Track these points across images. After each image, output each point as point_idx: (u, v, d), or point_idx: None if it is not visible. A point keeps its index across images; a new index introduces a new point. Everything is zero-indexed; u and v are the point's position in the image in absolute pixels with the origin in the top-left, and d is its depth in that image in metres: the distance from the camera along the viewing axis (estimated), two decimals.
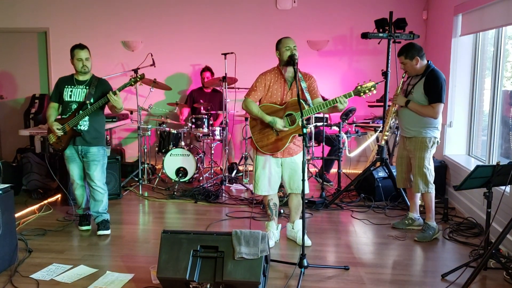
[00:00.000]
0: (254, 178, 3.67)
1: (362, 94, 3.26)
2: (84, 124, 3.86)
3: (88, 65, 3.87)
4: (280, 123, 3.42)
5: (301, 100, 3.27)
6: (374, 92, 3.26)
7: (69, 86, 3.89)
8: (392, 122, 5.35)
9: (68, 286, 2.99)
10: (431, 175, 3.82)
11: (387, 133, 3.92)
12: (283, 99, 3.52)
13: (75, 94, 3.86)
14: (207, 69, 6.11)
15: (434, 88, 3.67)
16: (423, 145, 3.78)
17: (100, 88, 3.90)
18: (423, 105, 3.72)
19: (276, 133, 3.47)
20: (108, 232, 3.97)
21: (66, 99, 3.87)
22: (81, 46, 3.87)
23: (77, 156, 3.95)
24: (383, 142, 4.07)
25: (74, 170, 3.98)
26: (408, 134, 3.86)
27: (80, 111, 3.82)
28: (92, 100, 3.83)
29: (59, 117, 3.96)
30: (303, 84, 3.49)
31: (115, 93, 3.73)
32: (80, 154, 3.94)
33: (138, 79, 3.98)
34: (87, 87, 3.88)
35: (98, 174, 3.95)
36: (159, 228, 3.76)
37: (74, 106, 3.85)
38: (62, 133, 3.85)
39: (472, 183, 3.10)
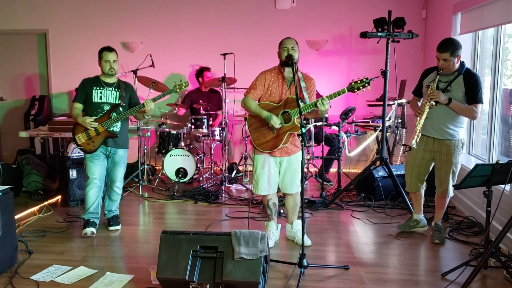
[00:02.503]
0: (254, 178, 3.67)
1: (356, 90, 3.25)
2: (117, 126, 3.91)
3: (115, 67, 3.91)
4: (275, 120, 3.42)
5: (299, 99, 3.27)
6: (369, 88, 3.23)
7: (97, 88, 3.90)
8: (392, 121, 5.39)
9: (68, 287, 2.99)
10: None
11: (419, 133, 3.62)
12: (281, 98, 3.52)
13: (105, 96, 3.89)
14: (206, 69, 6.12)
15: (477, 88, 3.52)
16: (457, 148, 3.63)
17: (128, 92, 3.99)
18: (466, 105, 3.55)
19: (273, 131, 3.48)
20: (119, 227, 4.10)
21: (95, 101, 3.87)
22: (109, 49, 3.90)
23: (102, 155, 3.94)
24: (414, 143, 3.61)
25: (96, 169, 3.92)
26: (439, 135, 3.64)
27: (114, 113, 3.85)
28: (124, 104, 3.92)
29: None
30: (302, 84, 3.49)
31: (154, 100, 3.84)
32: (107, 155, 3.96)
33: (184, 86, 3.94)
34: (117, 89, 3.94)
35: (121, 175, 4.06)
36: (159, 229, 3.75)
37: (107, 107, 3.88)
38: (95, 133, 3.83)
39: (471, 182, 3.09)
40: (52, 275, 3.15)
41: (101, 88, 3.91)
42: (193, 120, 5.50)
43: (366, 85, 3.22)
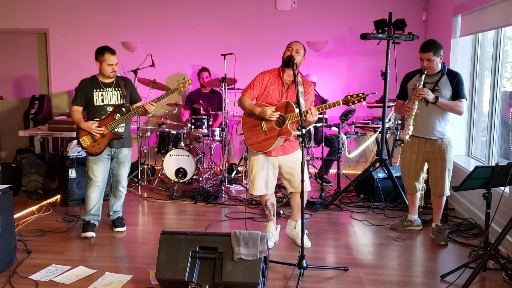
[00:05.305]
0: (250, 178, 3.67)
1: (351, 104, 3.29)
2: (121, 127, 3.87)
3: (117, 70, 3.86)
4: (269, 111, 3.40)
5: (293, 104, 3.28)
6: (364, 103, 3.27)
7: (98, 90, 3.83)
8: (391, 123, 5.39)
9: (67, 287, 2.99)
10: None
11: (411, 127, 3.66)
12: (278, 100, 3.51)
13: (107, 98, 3.84)
14: (204, 69, 6.13)
15: (460, 85, 3.68)
16: (449, 146, 3.75)
17: (128, 88, 3.95)
18: (453, 101, 3.67)
19: (265, 132, 3.49)
20: (124, 228, 4.07)
21: (97, 104, 3.82)
22: (112, 51, 3.80)
23: (106, 157, 3.88)
24: (407, 137, 3.69)
25: (100, 171, 3.86)
26: (431, 135, 3.74)
27: (118, 114, 3.81)
28: (128, 104, 3.89)
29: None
30: (300, 89, 3.48)
31: (156, 101, 3.81)
32: (111, 155, 3.92)
33: (187, 84, 3.92)
34: (117, 89, 3.88)
35: (126, 175, 4.02)
36: (158, 229, 3.76)
37: (110, 109, 3.83)
38: (100, 135, 3.78)
39: (471, 184, 3.10)
40: (51, 274, 3.15)
41: (101, 90, 3.84)
42: (193, 120, 5.50)
43: (362, 100, 3.25)
